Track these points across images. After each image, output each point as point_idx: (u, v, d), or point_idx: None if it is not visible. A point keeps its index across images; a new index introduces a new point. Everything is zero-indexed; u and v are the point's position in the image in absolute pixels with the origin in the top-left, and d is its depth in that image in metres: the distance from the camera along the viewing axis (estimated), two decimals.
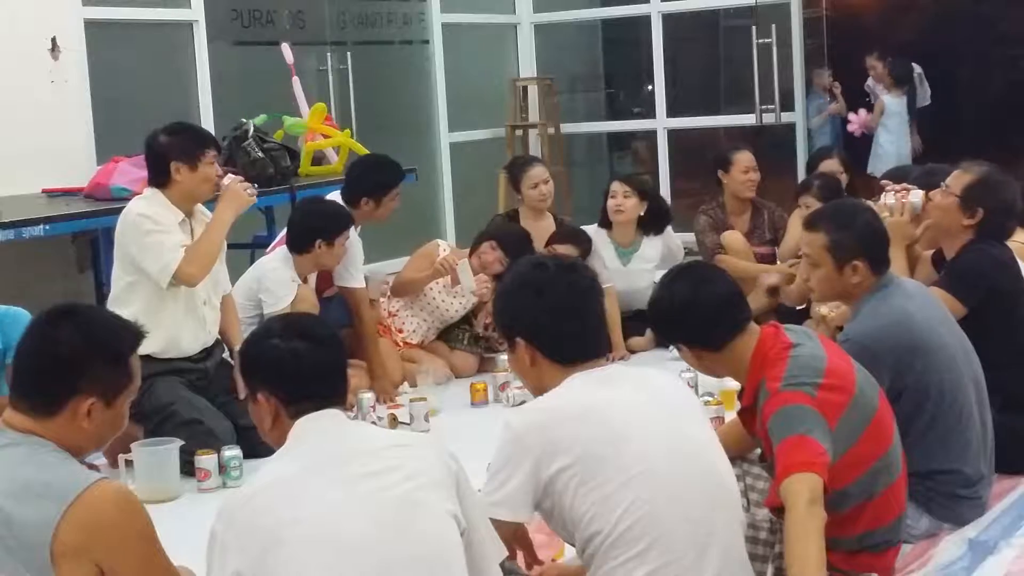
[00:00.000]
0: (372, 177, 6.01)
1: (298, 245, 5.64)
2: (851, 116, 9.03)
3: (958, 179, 4.41)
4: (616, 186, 6.69)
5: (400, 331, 6.40)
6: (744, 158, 7.05)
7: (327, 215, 5.73)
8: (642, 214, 6.69)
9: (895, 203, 4.54)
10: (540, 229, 6.75)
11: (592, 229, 6.72)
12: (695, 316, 3.22)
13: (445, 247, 6.54)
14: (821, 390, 3.07)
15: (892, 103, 8.89)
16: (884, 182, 4.76)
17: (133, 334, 2.60)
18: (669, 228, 6.91)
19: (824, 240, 3.78)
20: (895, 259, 4.36)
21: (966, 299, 4.21)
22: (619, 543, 2.64)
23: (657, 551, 2.63)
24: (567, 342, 2.85)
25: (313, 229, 5.63)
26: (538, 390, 2.90)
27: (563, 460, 2.67)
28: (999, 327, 4.20)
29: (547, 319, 2.84)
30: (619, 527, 2.64)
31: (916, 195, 4.54)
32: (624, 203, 6.60)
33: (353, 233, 5.81)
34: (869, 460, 3.16)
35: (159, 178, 5.01)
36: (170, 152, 4.97)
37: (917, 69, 8.93)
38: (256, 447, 4.64)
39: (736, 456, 3.36)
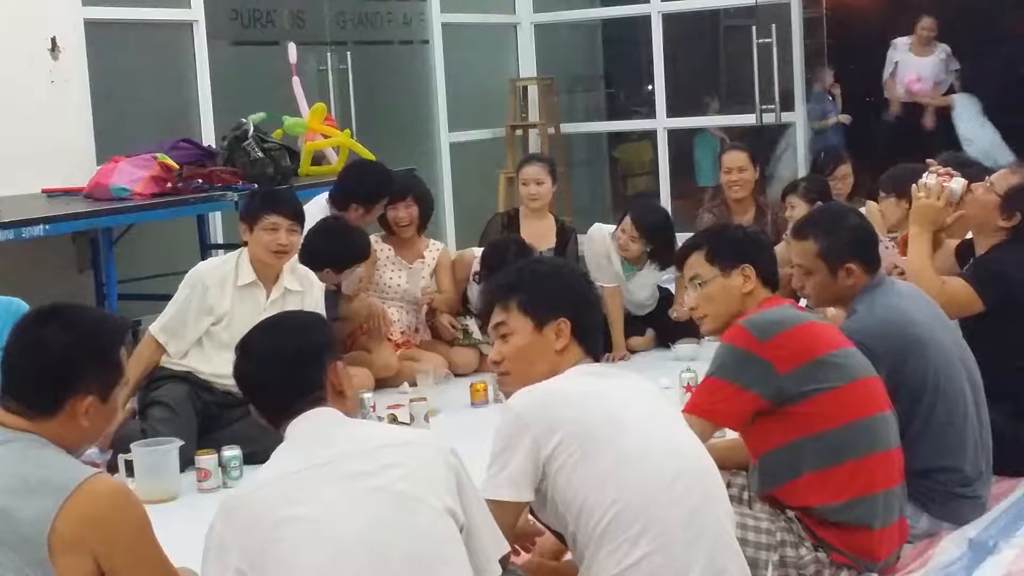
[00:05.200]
0: (364, 185, 5.96)
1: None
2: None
3: (1003, 179, 4.30)
4: (627, 223, 6.47)
5: (390, 325, 6.31)
6: (727, 159, 7.03)
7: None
8: (648, 251, 6.53)
9: (934, 185, 4.36)
10: (540, 228, 6.73)
11: (607, 232, 6.59)
12: (770, 248, 3.63)
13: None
14: (780, 335, 3.25)
15: (960, 99, 8.94)
16: (929, 161, 4.58)
17: (119, 327, 2.62)
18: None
19: (815, 247, 3.78)
20: (919, 242, 4.32)
21: (986, 295, 4.16)
22: (613, 525, 2.64)
23: (651, 535, 2.63)
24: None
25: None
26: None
27: (562, 436, 2.69)
28: (1017, 331, 4.16)
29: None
30: (614, 508, 2.65)
31: (957, 182, 4.35)
32: (629, 244, 6.48)
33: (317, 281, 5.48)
34: (848, 415, 3.24)
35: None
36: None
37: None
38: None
39: (734, 467, 3.52)
